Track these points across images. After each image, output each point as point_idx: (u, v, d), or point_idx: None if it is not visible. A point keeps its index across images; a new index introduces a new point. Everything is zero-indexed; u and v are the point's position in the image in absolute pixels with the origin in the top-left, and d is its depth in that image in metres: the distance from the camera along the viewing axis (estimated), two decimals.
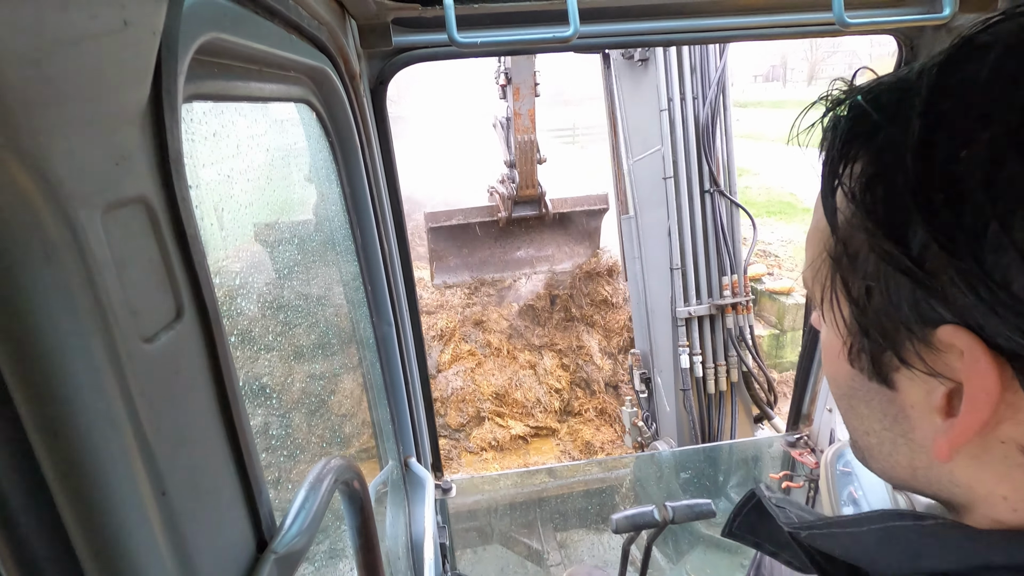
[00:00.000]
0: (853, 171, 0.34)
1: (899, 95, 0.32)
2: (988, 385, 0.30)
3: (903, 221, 0.31)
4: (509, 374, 6.46)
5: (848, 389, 0.40)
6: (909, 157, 0.30)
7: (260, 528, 0.45)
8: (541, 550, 3.78)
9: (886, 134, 0.32)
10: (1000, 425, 0.31)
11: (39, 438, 0.28)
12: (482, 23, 1.22)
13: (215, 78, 0.52)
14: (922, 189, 0.30)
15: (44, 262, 0.26)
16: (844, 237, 0.35)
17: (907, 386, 0.35)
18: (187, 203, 0.38)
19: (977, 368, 0.30)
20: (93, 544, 0.30)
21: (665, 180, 3.42)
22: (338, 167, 1.11)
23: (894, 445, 0.39)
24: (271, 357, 1.17)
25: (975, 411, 0.31)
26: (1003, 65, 0.29)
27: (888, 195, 0.32)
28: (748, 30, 1.33)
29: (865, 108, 0.34)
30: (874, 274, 0.33)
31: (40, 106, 0.25)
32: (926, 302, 0.31)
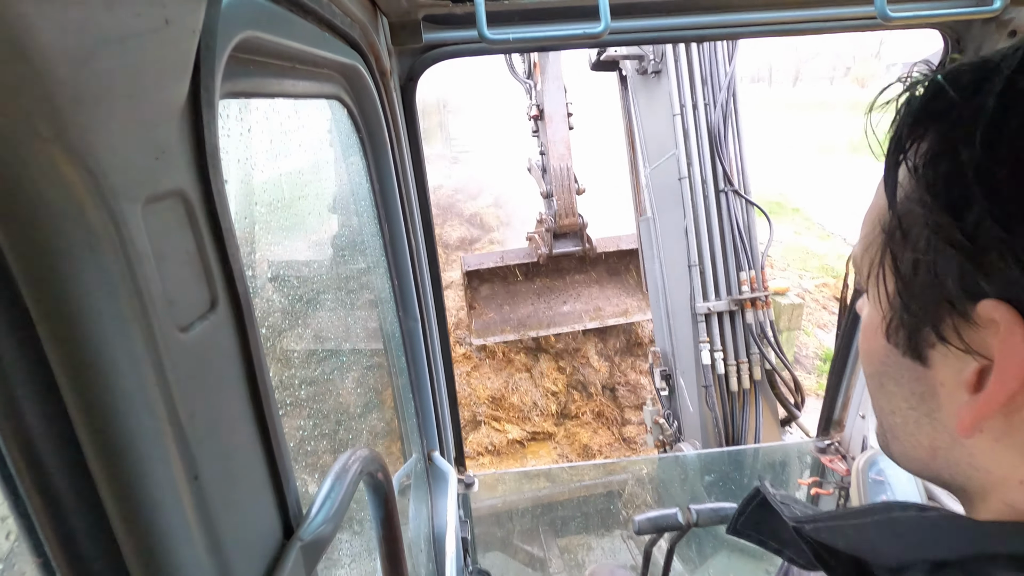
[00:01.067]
0: (919, 148, 0.35)
1: (980, 74, 0.33)
2: (1018, 358, 0.31)
3: (962, 195, 0.32)
4: (505, 377, 6.41)
5: (881, 366, 0.41)
6: (979, 133, 0.31)
7: (287, 515, 0.46)
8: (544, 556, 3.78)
9: (960, 111, 0.33)
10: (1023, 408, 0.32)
11: (81, 421, 0.29)
12: (512, 19, 1.22)
13: (251, 75, 0.54)
14: (986, 164, 0.31)
15: (88, 252, 0.28)
16: (901, 212, 0.36)
17: (940, 363, 0.36)
18: (222, 197, 0.39)
19: (1011, 341, 0.31)
20: (130, 524, 0.31)
21: (680, 181, 3.50)
22: (368, 163, 1.12)
23: (918, 425, 0.40)
24: (300, 349, 1.20)
25: (1004, 383, 0.32)
26: None
27: (951, 170, 0.32)
28: (784, 25, 1.30)
29: (943, 86, 0.34)
30: (924, 248, 0.34)
31: (86, 102, 0.26)
32: (972, 276, 0.32)
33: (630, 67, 3.98)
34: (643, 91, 3.89)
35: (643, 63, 3.71)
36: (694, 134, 3.47)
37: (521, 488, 3.64)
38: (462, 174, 11.67)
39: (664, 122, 3.59)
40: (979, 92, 0.32)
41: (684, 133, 3.48)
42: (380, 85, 1.04)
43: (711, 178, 3.48)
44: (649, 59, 3.65)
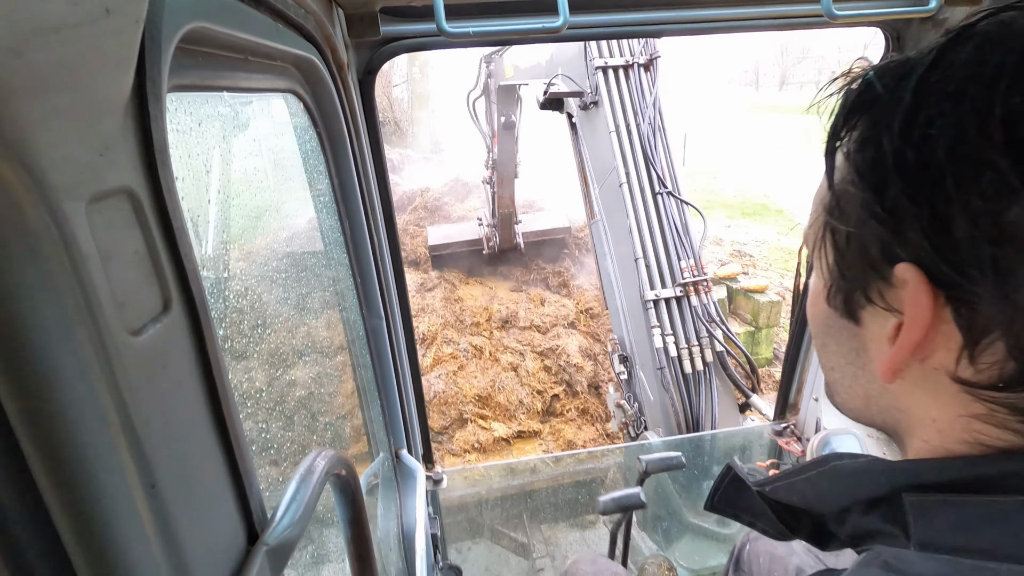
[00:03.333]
0: (852, 135, 0.40)
1: (902, 71, 0.37)
2: (923, 310, 0.36)
3: (883, 176, 0.37)
4: (492, 376, 6.58)
5: (824, 327, 0.47)
6: (897, 123, 0.36)
7: (251, 520, 0.45)
8: (527, 542, 3.81)
9: (883, 104, 0.38)
10: (935, 353, 0.38)
11: (26, 432, 0.28)
12: (471, 13, 1.21)
13: (200, 68, 0.52)
14: (902, 149, 0.35)
15: (27, 254, 0.26)
16: (838, 192, 0.41)
17: (869, 321, 0.42)
18: (173, 194, 0.37)
19: (917, 297, 0.36)
20: (82, 538, 0.30)
21: (621, 187, 4.09)
22: (326, 158, 1.10)
23: (855, 378, 0.46)
24: (260, 350, 1.17)
25: (911, 331, 0.37)
26: (981, 51, 0.34)
27: (875, 154, 0.37)
28: (736, 21, 1.33)
29: (872, 81, 0.39)
30: (855, 223, 0.40)
31: (21, 95, 0.25)
32: (890, 244, 0.37)
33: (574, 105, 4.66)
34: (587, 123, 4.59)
35: (584, 98, 4.43)
36: (628, 147, 4.13)
37: (490, 481, 3.65)
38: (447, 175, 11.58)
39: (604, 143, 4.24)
40: (899, 87, 0.37)
41: (620, 147, 4.13)
42: (337, 78, 1.01)
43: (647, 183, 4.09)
44: (587, 93, 4.37)
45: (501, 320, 7.54)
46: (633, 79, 4.20)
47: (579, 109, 4.55)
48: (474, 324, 7.48)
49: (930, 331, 0.37)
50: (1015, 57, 0.32)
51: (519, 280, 8.52)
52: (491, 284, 8.60)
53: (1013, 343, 0.34)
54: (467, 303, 7.90)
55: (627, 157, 4.11)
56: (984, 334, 0.35)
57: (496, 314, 7.61)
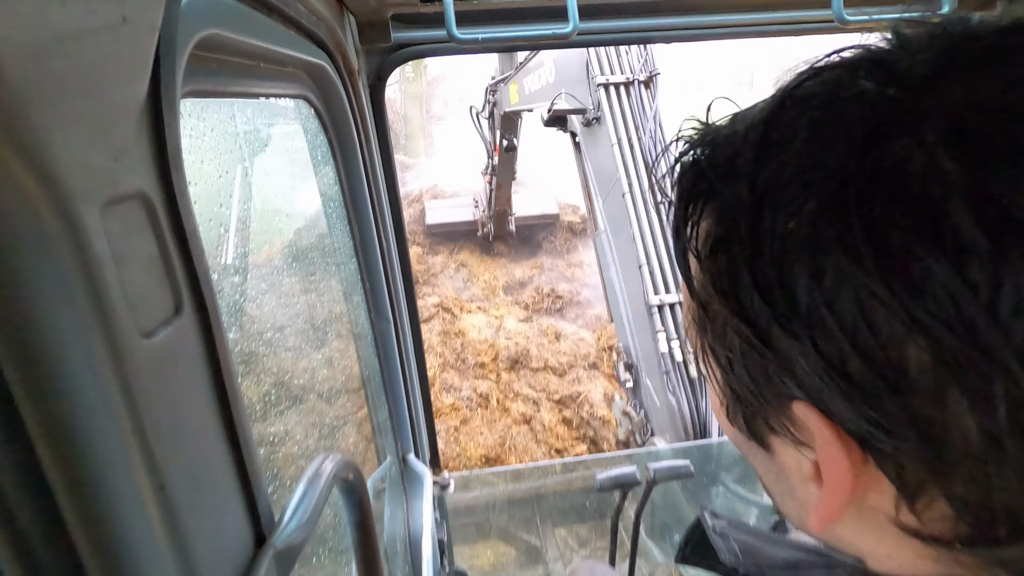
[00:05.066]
0: (699, 232, 0.32)
1: (731, 151, 0.30)
2: (840, 469, 0.28)
3: (746, 294, 0.28)
4: (501, 430, 5.60)
5: (735, 441, 0.38)
6: (742, 227, 0.28)
7: (259, 523, 0.45)
8: (539, 546, 3.79)
9: (721, 197, 0.30)
10: (867, 495, 0.29)
11: (38, 433, 0.28)
12: (481, 19, 1.22)
13: (213, 74, 0.52)
14: (757, 262, 0.27)
15: (43, 257, 0.27)
16: (703, 301, 0.32)
17: (781, 451, 0.33)
18: (186, 198, 0.38)
19: (828, 451, 0.28)
20: (92, 538, 0.30)
21: (624, 196, 4.23)
22: (336, 163, 1.10)
23: (783, 499, 0.37)
24: (270, 353, 1.17)
25: (833, 493, 0.29)
26: (816, 128, 0.27)
27: (729, 264, 0.29)
28: (747, 27, 1.33)
29: (704, 171, 0.31)
30: (731, 344, 0.31)
31: (39, 101, 0.25)
32: (778, 378, 0.29)
33: (577, 123, 4.81)
34: (590, 138, 4.76)
35: (586, 115, 4.59)
36: (631, 159, 4.30)
37: (496, 487, 3.64)
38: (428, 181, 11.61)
39: (607, 156, 4.40)
40: (731, 176, 0.29)
41: (623, 158, 4.30)
42: (348, 84, 1.02)
43: (648, 192, 4.20)
44: (590, 110, 4.54)
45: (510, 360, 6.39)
46: (634, 95, 4.42)
47: (582, 126, 4.76)
48: (478, 365, 6.44)
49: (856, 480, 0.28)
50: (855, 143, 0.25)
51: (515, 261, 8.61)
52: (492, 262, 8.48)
53: (959, 506, 0.26)
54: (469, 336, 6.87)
55: (629, 168, 4.29)
56: (921, 490, 0.27)
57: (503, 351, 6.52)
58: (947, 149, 0.23)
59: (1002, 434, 0.23)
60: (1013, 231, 0.22)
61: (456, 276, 8.55)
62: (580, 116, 4.70)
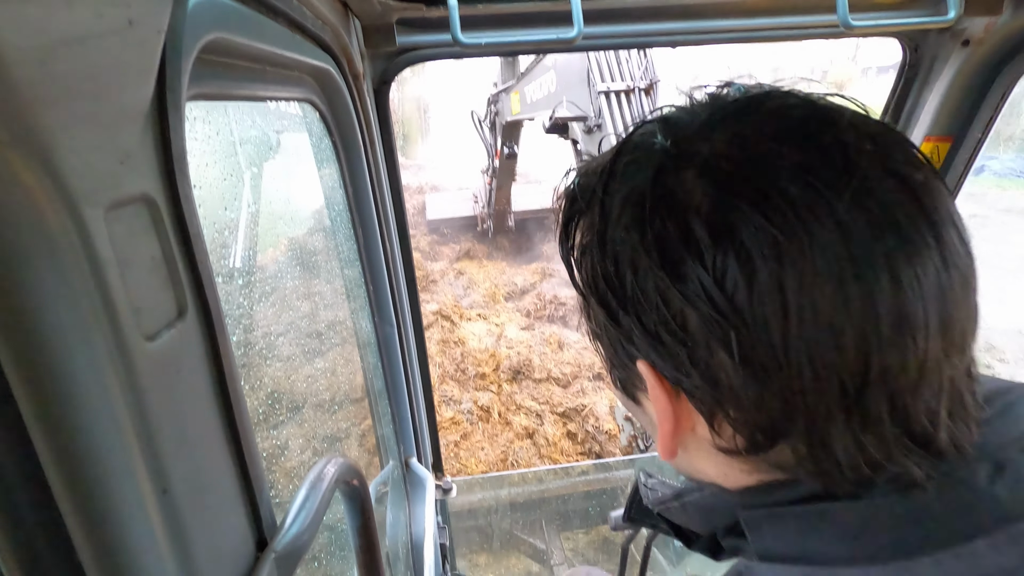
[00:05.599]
0: (574, 242, 0.43)
1: (591, 181, 0.41)
2: (662, 404, 0.40)
3: (602, 288, 0.40)
4: (503, 445, 5.44)
5: (622, 402, 0.50)
6: (596, 239, 0.40)
7: (260, 527, 0.45)
8: (544, 550, 3.78)
9: (586, 216, 0.41)
10: (695, 428, 0.41)
11: (41, 436, 0.28)
12: (486, 24, 1.22)
13: (219, 77, 0.53)
14: (603, 264, 0.39)
15: (48, 259, 0.27)
16: (581, 294, 0.44)
17: (645, 404, 0.46)
18: (190, 201, 0.38)
19: (655, 393, 0.40)
20: (94, 542, 0.30)
21: None
22: (341, 167, 1.11)
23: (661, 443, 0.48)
24: (273, 356, 1.18)
25: (662, 423, 0.41)
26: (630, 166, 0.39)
27: (591, 265, 0.41)
28: (751, 32, 1.33)
29: (575, 194, 0.43)
30: (600, 324, 0.43)
31: (45, 104, 0.25)
32: (627, 345, 0.41)
33: (578, 130, 4.80)
34: (591, 146, 4.73)
35: (587, 122, 4.57)
36: None
37: (499, 491, 3.63)
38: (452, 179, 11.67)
39: None
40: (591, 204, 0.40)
41: None
42: (353, 88, 1.03)
43: None
44: (591, 118, 4.52)
45: (511, 370, 6.25)
46: (635, 102, 4.44)
47: (583, 133, 4.78)
48: (479, 375, 6.29)
49: (681, 414, 0.40)
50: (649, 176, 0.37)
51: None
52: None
53: (733, 423, 0.38)
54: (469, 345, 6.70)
55: None
56: (713, 416, 0.38)
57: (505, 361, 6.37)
58: (701, 183, 0.35)
59: (743, 368, 0.34)
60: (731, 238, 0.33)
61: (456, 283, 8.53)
62: (581, 123, 4.72)
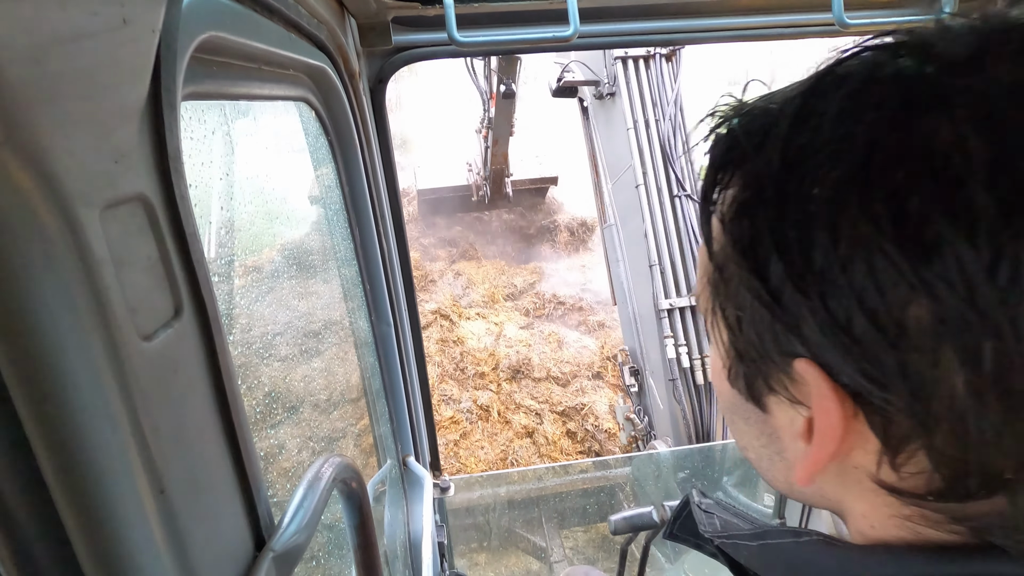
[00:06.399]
0: (725, 197, 0.34)
1: (765, 123, 0.32)
2: (833, 420, 0.31)
3: (764, 255, 0.31)
4: (502, 444, 5.45)
5: (731, 405, 0.41)
6: (769, 191, 0.31)
7: (258, 526, 0.45)
8: (544, 547, 3.78)
9: (752, 163, 0.32)
10: (852, 452, 0.33)
11: (37, 436, 0.28)
12: (482, 22, 1.22)
13: (214, 76, 0.52)
14: (779, 225, 0.30)
15: (42, 260, 0.26)
16: (719, 263, 0.35)
17: (776, 410, 0.37)
18: (186, 201, 0.38)
19: (823, 404, 0.31)
20: (91, 542, 0.30)
21: (637, 188, 3.82)
22: (337, 166, 1.10)
23: (771, 461, 0.40)
24: (270, 356, 1.17)
25: (823, 444, 0.32)
26: (851, 100, 0.29)
27: (752, 227, 0.32)
28: (748, 30, 1.33)
29: (737, 137, 0.33)
30: (742, 303, 0.34)
31: (39, 103, 0.25)
32: (784, 335, 0.32)
33: (588, 94, 4.42)
34: (601, 113, 4.34)
35: (599, 87, 4.13)
36: (647, 146, 3.86)
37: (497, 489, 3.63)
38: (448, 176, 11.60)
39: (621, 138, 3.96)
40: (765, 144, 0.31)
41: (638, 145, 3.86)
42: (349, 87, 1.03)
43: (664, 185, 3.82)
44: (604, 83, 4.06)
45: (511, 369, 6.28)
46: (654, 70, 3.85)
47: (593, 98, 4.31)
48: (478, 375, 6.33)
49: (844, 434, 0.31)
50: (887, 115, 0.27)
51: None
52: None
53: (937, 458, 0.29)
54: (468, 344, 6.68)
55: (645, 156, 3.82)
56: (904, 444, 0.30)
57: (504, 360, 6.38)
58: (975, 128, 0.25)
59: (986, 390, 0.26)
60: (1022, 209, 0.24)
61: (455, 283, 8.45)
62: (592, 88, 4.22)
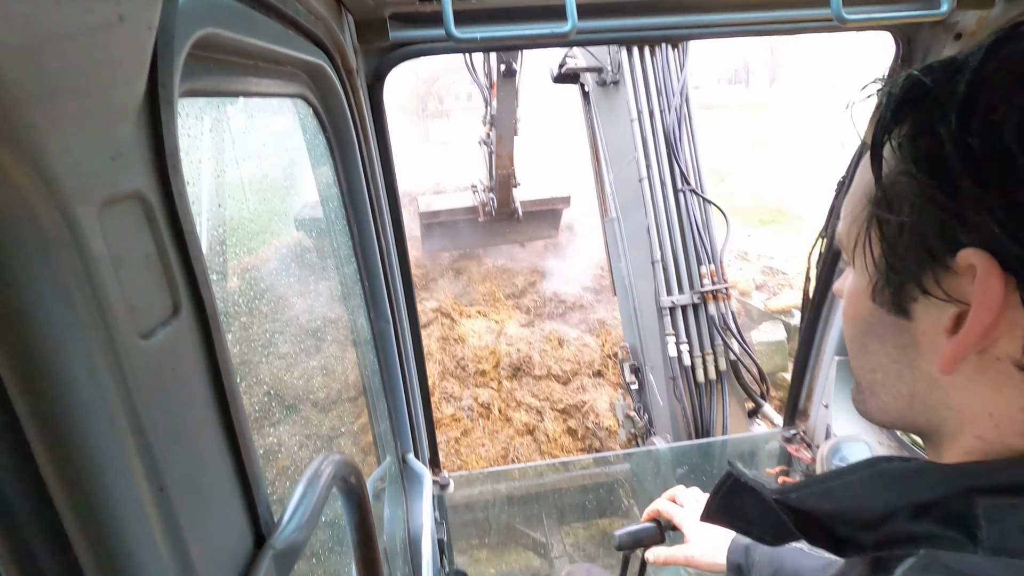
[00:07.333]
0: (902, 130, 0.40)
1: (951, 67, 0.38)
2: (993, 296, 0.36)
3: (942, 163, 0.37)
4: (503, 441, 5.46)
5: (866, 326, 0.47)
6: (954, 112, 0.36)
7: (258, 523, 0.45)
8: (545, 543, 3.79)
9: (936, 96, 0.38)
10: (998, 341, 0.37)
11: (36, 435, 0.28)
12: (479, 19, 1.22)
13: (211, 73, 0.52)
14: (961, 136, 0.36)
15: (40, 258, 0.26)
16: (886, 184, 0.41)
17: (921, 314, 0.42)
18: (183, 198, 0.38)
19: (989, 281, 0.36)
20: (91, 540, 0.30)
21: (640, 182, 3.68)
22: (335, 163, 1.10)
23: (899, 375, 0.45)
24: (269, 354, 1.17)
25: (980, 318, 0.37)
26: None
27: (932, 143, 0.38)
28: (746, 26, 1.33)
29: (919, 78, 0.40)
30: (909, 211, 0.40)
31: (36, 101, 0.25)
32: (952, 230, 0.37)
33: (591, 80, 4.23)
34: (604, 101, 4.15)
35: (602, 75, 3.94)
36: (651, 138, 3.69)
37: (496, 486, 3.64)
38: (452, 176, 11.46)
39: (624, 129, 3.80)
40: (951, 81, 0.37)
41: (642, 137, 3.69)
42: (346, 83, 1.02)
43: (668, 179, 3.67)
44: (607, 70, 3.88)
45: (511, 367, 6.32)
46: (660, 58, 3.70)
47: (597, 86, 4.14)
48: (479, 372, 6.36)
49: (998, 316, 0.36)
50: None
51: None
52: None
53: None
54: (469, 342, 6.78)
55: (649, 148, 3.69)
56: None
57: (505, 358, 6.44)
58: None
59: None
60: None
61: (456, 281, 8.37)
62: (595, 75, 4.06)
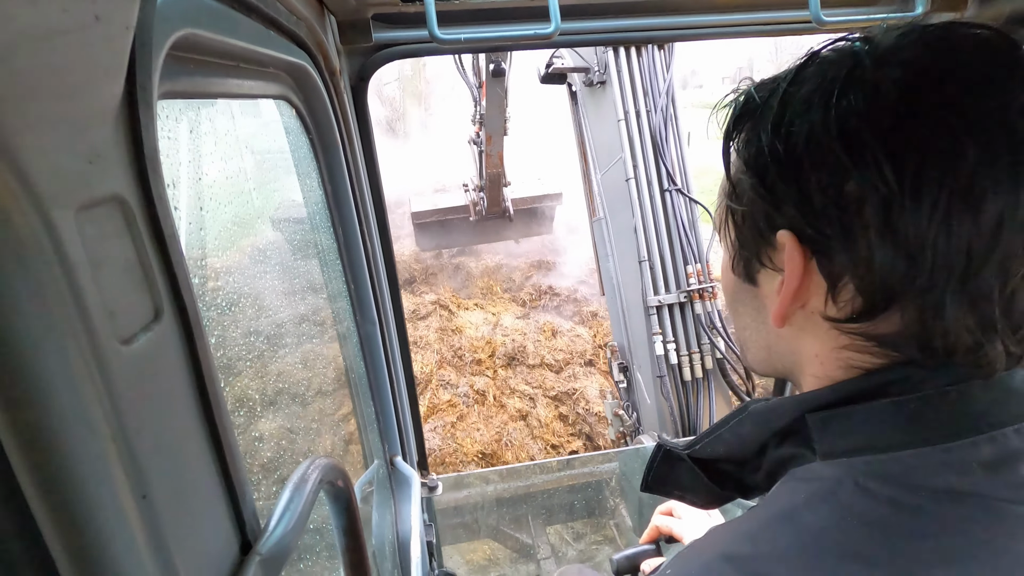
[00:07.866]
0: (740, 136, 0.51)
1: (772, 85, 0.49)
2: (796, 264, 0.47)
3: (764, 165, 0.48)
4: (497, 426, 5.67)
5: (732, 294, 0.59)
6: (769, 124, 0.47)
7: (244, 530, 0.45)
8: (531, 544, 3.80)
9: (760, 110, 0.49)
10: (810, 300, 0.49)
11: (14, 443, 0.27)
12: (463, 19, 1.22)
13: (191, 74, 0.52)
14: (774, 144, 0.47)
15: (16, 263, 0.26)
16: (734, 181, 0.52)
17: (763, 281, 0.53)
18: (164, 202, 0.37)
19: (792, 254, 0.47)
20: (72, 550, 0.30)
21: (627, 182, 3.75)
22: (319, 165, 1.09)
23: (758, 331, 0.57)
24: (253, 358, 1.16)
25: (790, 282, 0.48)
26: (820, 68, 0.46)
27: (757, 149, 0.48)
28: (726, 27, 1.35)
29: (752, 93, 0.51)
30: (747, 202, 0.51)
31: (9, 103, 0.25)
32: (772, 216, 0.48)
33: (578, 80, 4.28)
34: (591, 101, 4.22)
35: (589, 75, 4.00)
36: (638, 138, 3.77)
37: (485, 487, 3.63)
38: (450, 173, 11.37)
39: (611, 129, 3.87)
40: (770, 98, 0.48)
41: (629, 137, 3.76)
42: (329, 85, 1.01)
43: (655, 178, 3.74)
44: (594, 71, 3.93)
45: (506, 356, 6.60)
46: (646, 59, 3.78)
47: (584, 86, 4.21)
48: (475, 362, 6.63)
49: (804, 280, 0.47)
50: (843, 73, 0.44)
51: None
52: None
53: (858, 283, 0.45)
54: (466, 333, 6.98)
55: (635, 148, 3.75)
56: (839, 278, 0.46)
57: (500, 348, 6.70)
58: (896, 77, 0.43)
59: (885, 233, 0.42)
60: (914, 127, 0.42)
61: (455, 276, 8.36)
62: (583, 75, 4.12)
